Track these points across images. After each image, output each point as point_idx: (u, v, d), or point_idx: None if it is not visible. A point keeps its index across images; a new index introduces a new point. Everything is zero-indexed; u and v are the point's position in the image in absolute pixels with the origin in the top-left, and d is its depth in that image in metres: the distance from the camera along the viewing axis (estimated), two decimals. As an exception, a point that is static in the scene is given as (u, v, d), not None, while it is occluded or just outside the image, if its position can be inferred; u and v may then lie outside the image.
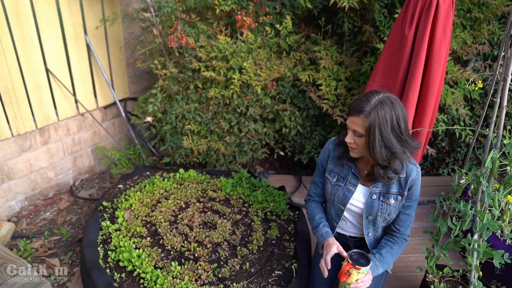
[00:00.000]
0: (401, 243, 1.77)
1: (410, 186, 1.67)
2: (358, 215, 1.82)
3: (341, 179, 1.80)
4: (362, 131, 1.53)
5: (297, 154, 3.20)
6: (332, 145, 1.84)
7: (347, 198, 1.78)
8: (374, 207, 1.73)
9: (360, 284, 1.58)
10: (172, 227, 2.25)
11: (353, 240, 1.94)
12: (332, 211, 1.88)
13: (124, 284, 1.89)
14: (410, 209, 1.73)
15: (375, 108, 1.48)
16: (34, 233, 2.61)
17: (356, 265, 1.53)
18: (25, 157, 2.71)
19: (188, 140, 2.81)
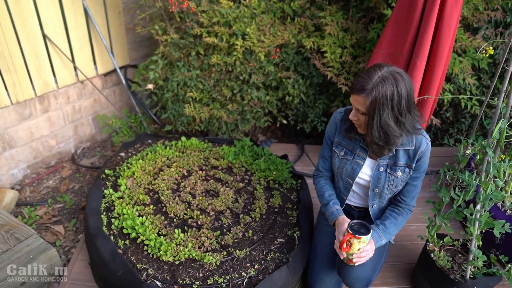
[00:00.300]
0: (405, 214, 1.77)
1: (419, 158, 1.65)
2: (364, 187, 1.81)
3: (349, 153, 1.77)
4: (364, 110, 1.49)
5: (299, 122, 3.17)
6: (339, 117, 1.79)
7: (356, 172, 1.76)
8: (380, 180, 1.72)
9: (363, 253, 1.59)
10: (174, 195, 2.25)
11: (358, 210, 1.94)
12: (340, 184, 1.87)
13: (128, 251, 1.91)
14: (417, 180, 1.72)
15: (377, 86, 1.42)
16: (37, 201, 2.63)
17: (356, 235, 1.53)
18: (25, 125, 2.69)
19: (190, 108, 2.78)
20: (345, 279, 1.77)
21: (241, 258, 1.90)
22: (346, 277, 1.75)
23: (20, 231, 2.14)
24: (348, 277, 1.75)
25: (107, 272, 1.83)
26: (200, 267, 1.84)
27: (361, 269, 1.72)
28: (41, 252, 2.03)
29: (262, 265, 1.87)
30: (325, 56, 2.67)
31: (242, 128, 3.00)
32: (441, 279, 1.90)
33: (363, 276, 1.73)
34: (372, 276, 1.76)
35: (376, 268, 1.78)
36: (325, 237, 1.98)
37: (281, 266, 1.87)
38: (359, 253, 1.58)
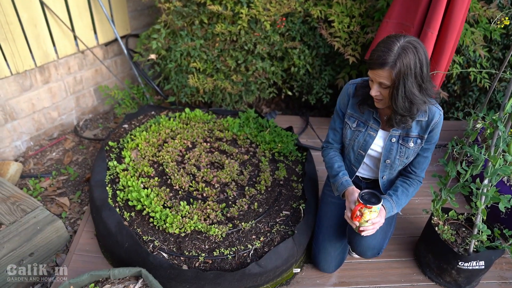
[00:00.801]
0: (416, 185, 1.76)
1: (431, 129, 1.63)
2: (375, 159, 1.79)
3: (362, 124, 1.74)
4: (389, 83, 1.46)
5: (304, 94, 3.12)
6: (352, 89, 1.75)
7: (368, 143, 1.74)
8: (392, 151, 1.70)
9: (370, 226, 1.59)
10: (179, 167, 2.24)
11: (366, 182, 1.94)
12: (351, 156, 1.85)
13: (134, 223, 1.92)
14: (428, 151, 1.70)
15: (399, 57, 1.39)
16: (41, 173, 2.62)
17: (367, 204, 1.52)
18: (26, 96, 2.64)
19: (194, 78, 2.72)
20: (357, 248, 1.79)
21: (246, 230, 1.91)
22: (358, 246, 1.77)
23: (26, 203, 2.15)
24: (359, 246, 1.77)
25: (114, 244, 1.84)
26: (206, 239, 1.85)
27: (372, 237, 1.73)
28: (48, 223, 2.04)
29: (268, 237, 1.89)
30: (332, 26, 2.59)
31: (246, 100, 2.96)
32: (445, 252, 1.91)
33: (374, 244, 1.75)
34: (383, 243, 1.78)
35: (386, 236, 1.80)
36: (330, 207, 1.99)
37: (286, 238, 1.88)
38: (367, 225, 1.58)
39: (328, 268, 1.97)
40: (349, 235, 1.83)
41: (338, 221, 1.96)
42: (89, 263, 1.98)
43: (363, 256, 1.84)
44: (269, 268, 1.77)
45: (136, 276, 1.68)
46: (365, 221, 1.57)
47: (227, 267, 1.75)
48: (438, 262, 1.96)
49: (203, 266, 1.74)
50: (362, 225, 1.59)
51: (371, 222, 1.58)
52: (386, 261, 2.14)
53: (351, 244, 1.84)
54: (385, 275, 2.07)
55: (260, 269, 1.74)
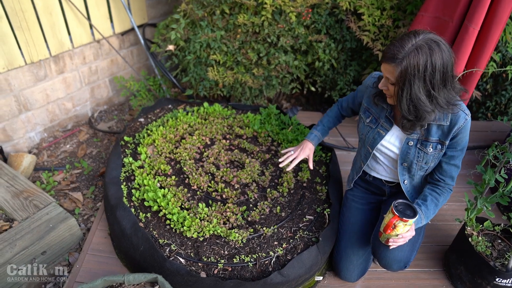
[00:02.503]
0: (446, 194, 1.63)
1: (455, 135, 1.50)
2: (393, 160, 1.69)
3: (374, 121, 1.67)
4: (393, 80, 1.37)
5: (328, 90, 2.98)
6: (371, 82, 1.68)
7: (376, 141, 1.66)
8: (409, 154, 1.59)
9: (400, 239, 1.48)
10: (197, 165, 2.13)
11: (389, 185, 1.82)
12: (362, 151, 1.79)
13: (150, 224, 1.82)
14: (455, 159, 1.57)
15: (409, 56, 1.29)
16: (55, 165, 2.55)
17: (403, 217, 1.40)
18: (41, 86, 2.56)
19: (213, 71, 2.60)
20: (381, 260, 1.68)
21: (268, 235, 1.80)
22: (383, 258, 1.66)
23: (39, 198, 2.07)
24: (384, 258, 1.65)
25: (128, 246, 1.75)
26: (225, 244, 1.75)
27: (399, 250, 1.63)
28: (60, 221, 1.96)
29: (291, 244, 1.77)
30: (361, 19, 2.44)
31: (267, 94, 2.83)
32: (479, 266, 1.78)
33: (401, 257, 1.64)
34: (410, 256, 1.66)
35: (414, 248, 1.68)
36: (353, 213, 1.90)
37: (310, 245, 1.77)
38: (397, 238, 1.47)
39: (350, 277, 1.85)
40: (373, 246, 1.72)
41: (362, 227, 1.84)
42: (102, 264, 1.90)
43: (388, 269, 1.72)
44: (292, 278, 1.66)
45: (152, 282, 1.59)
46: (396, 234, 1.45)
47: (247, 275, 1.65)
48: (471, 276, 1.83)
49: (222, 273, 1.64)
50: (392, 237, 1.47)
51: (401, 236, 1.46)
52: (413, 271, 2.02)
53: (375, 255, 1.72)
54: (412, 287, 1.94)
55: (283, 278, 1.63)
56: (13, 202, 2.04)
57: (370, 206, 1.91)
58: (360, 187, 1.95)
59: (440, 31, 2.05)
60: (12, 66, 2.35)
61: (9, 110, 2.45)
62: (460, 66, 1.99)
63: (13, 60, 2.33)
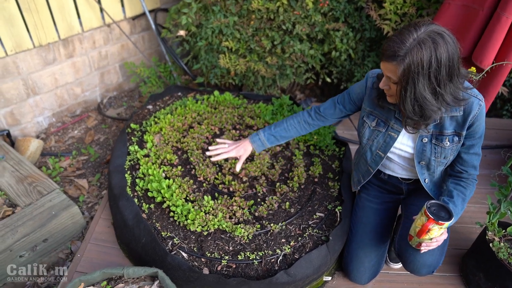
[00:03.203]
0: (472, 186, 1.51)
1: (470, 124, 1.38)
2: (409, 160, 1.57)
3: (382, 124, 1.53)
4: (396, 79, 1.25)
5: (344, 81, 2.85)
6: (371, 81, 1.54)
7: (389, 145, 1.53)
8: (425, 152, 1.47)
9: (434, 243, 1.37)
10: (205, 156, 2.05)
11: (407, 183, 1.70)
12: (367, 156, 1.64)
13: (153, 216, 1.75)
14: (474, 148, 1.45)
15: (411, 52, 1.16)
16: (62, 151, 2.50)
17: (439, 220, 1.29)
18: (49, 70, 2.51)
19: (225, 59, 2.50)
20: (409, 265, 1.57)
21: (275, 232, 1.71)
22: (411, 263, 1.56)
23: (43, 185, 2.03)
24: (413, 263, 1.55)
25: (130, 237, 1.69)
26: (230, 239, 1.67)
27: (429, 254, 1.52)
28: (63, 208, 1.91)
29: (299, 242, 1.69)
30: (382, 6, 2.30)
31: (280, 84, 2.72)
32: (501, 274, 1.66)
33: (431, 261, 1.54)
34: (440, 260, 1.56)
35: (443, 251, 1.57)
36: (366, 212, 1.79)
37: (320, 244, 1.68)
38: (430, 242, 1.36)
39: (360, 279, 1.75)
40: (400, 249, 1.60)
41: (375, 228, 1.74)
42: (104, 254, 1.85)
43: (415, 274, 1.60)
44: (299, 278, 1.57)
45: (152, 276, 1.53)
46: (429, 238, 1.35)
47: (252, 273, 1.57)
48: (491, 284, 1.71)
49: (226, 270, 1.57)
50: (425, 241, 1.37)
51: (436, 240, 1.36)
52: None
53: (402, 259, 1.61)
54: (426, 291, 1.84)
55: (289, 278, 1.54)
56: (17, 187, 2.01)
57: (385, 206, 1.80)
58: (374, 185, 1.84)
59: (468, 21, 1.91)
60: (21, 48, 2.29)
61: (17, 93, 2.40)
62: (489, 58, 1.85)
63: (21, 42, 2.28)
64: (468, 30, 1.92)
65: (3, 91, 2.31)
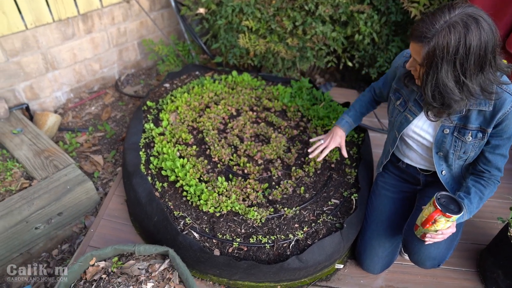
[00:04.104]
0: (492, 186, 1.43)
1: (499, 122, 1.28)
2: (427, 148, 1.51)
3: (403, 104, 1.49)
4: (420, 62, 1.18)
5: (366, 66, 2.76)
6: (403, 61, 1.48)
7: (403, 126, 1.49)
8: (445, 143, 1.40)
9: (439, 236, 1.32)
10: (220, 136, 2.03)
11: (425, 174, 1.64)
12: (391, 135, 1.62)
13: (166, 195, 1.74)
14: (500, 148, 1.36)
15: (438, 35, 1.09)
16: (79, 127, 2.51)
17: (447, 212, 1.24)
18: (68, 45, 2.50)
19: (245, 38, 2.44)
20: (414, 256, 1.53)
21: (289, 217, 1.68)
22: (415, 254, 1.52)
23: (59, 159, 2.04)
24: (417, 254, 1.51)
25: (143, 215, 1.69)
26: (242, 222, 1.65)
27: (435, 246, 1.48)
28: (78, 183, 1.92)
29: (312, 227, 1.65)
30: (411, -13, 2.20)
31: (300, 67, 2.66)
32: (521, 272, 1.60)
33: (436, 254, 1.49)
34: (446, 255, 1.51)
35: (451, 246, 1.52)
36: (382, 201, 1.74)
37: (333, 231, 1.64)
38: (436, 234, 1.31)
39: (374, 269, 1.72)
40: (406, 239, 1.56)
41: (391, 217, 1.69)
42: (117, 231, 1.86)
43: (419, 266, 1.57)
44: (310, 264, 1.55)
45: (163, 255, 1.53)
46: (435, 229, 1.29)
47: (263, 257, 1.55)
48: (510, 282, 1.65)
49: (237, 252, 1.55)
50: (430, 233, 1.32)
51: (441, 232, 1.30)
52: (443, 268, 1.85)
53: (407, 249, 1.57)
54: (440, 285, 1.78)
55: (301, 264, 1.52)
56: (34, 161, 2.02)
57: (402, 195, 1.74)
58: (392, 174, 1.78)
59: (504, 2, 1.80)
60: (40, 22, 2.28)
61: (37, 67, 2.41)
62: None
63: (41, 16, 2.27)
64: (503, 13, 1.81)
65: (23, 65, 2.32)
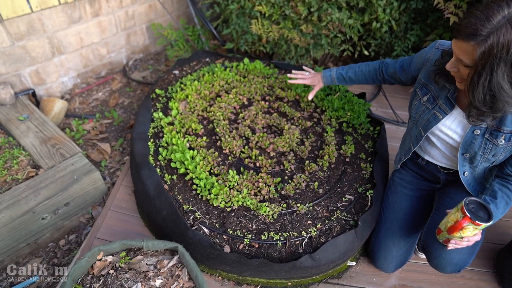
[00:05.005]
0: None
1: None
2: (452, 148, 1.42)
3: (431, 101, 1.39)
4: (469, 62, 1.06)
5: (382, 55, 2.66)
6: (434, 57, 1.38)
7: (430, 124, 1.39)
8: (474, 144, 1.31)
9: (464, 243, 1.25)
10: (231, 127, 1.96)
11: (445, 173, 1.57)
12: (413, 131, 1.52)
13: (175, 188, 1.69)
14: None
15: (497, 32, 0.97)
16: (86, 113, 2.46)
17: (476, 221, 1.16)
18: (75, 29, 2.42)
19: (257, 24, 2.35)
20: (434, 260, 1.46)
21: (302, 213, 1.62)
22: (436, 258, 1.45)
23: (66, 147, 1.99)
24: (438, 259, 1.44)
25: (151, 208, 1.64)
26: (254, 217, 1.60)
27: (457, 252, 1.41)
28: (85, 173, 1.88)
29: (326, 225, 1.60)
30: (435, -28, 2.08)
31: (313, 55, 2.56)
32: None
33: (458, 260, 1.42)
34: (468, 260, 1.44)
35: (473, 252, 1.44)
36: (399, 198, 1.67)
37: (347, 229, 1.59)
38: (461, 240, 1.24)
39: (387, 268, 1.66)
40: (426, 242, 1.49)
41: (407, 215, 1.62)
42: (124, 222, 1.82)
43: (439, 271, 1.50)
44: (323, 263, 1.50)
45: (172, 250, 1.48)
46: (460, 236, 1.22)
47: (275, 255, 1.50)
48: (531, 283, 1.60)
49: (248, 249, 1.50)
50: (454, 239, 1.25)
51: (467, 239, 1.23)
52: (459, 267, 1.80)
53: (427, 253, 1.50)
54: (455, 286, 1.73)
55: (313, 262, 1.47)
56: (41, 149, 1.98)
57: (420, 193, 1.67)
58: (410, 170, 1.71)
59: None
60: (46, 5, 2.20)
61: (43, 52, 2.34)
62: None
63: (47, -2, 2.19)
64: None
65: (28, 49, 2.25)
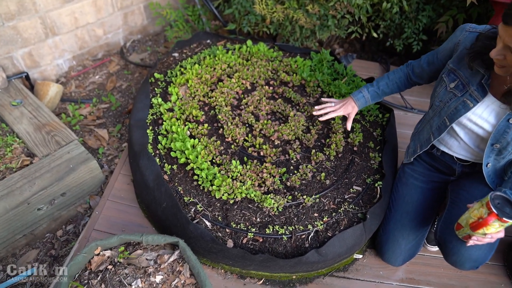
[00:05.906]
0: None
1: None
2: (478, 138, 1.33)
3: (461, 87, 1.29)
4: None
5: (391, 37, 2.54)
6: (469, 39, 1.28)
7: (459, 113, 1.30)
8: (507, 134, 1.23)
9: (487, 239, 1.18)
10: (234, 113, 1.87)
11: (462, 165, 1.49)
12: (434, 121, 1.42)
13: (175, 178, 1.61)
14: None
15: None
16: (82, 97, 2.36)
17: (503, 217, 1.09)
18: (68, 8, 2.30)
19: (261, 4, 2.22)
20: (452, 256, 1.40)
21: (308, 206, 1.55)
22: (454, 255, 1.38)
23: (61, 134, 1.91)
24: (457, 255, 1.38)
25: (150, 199, 1.57)
26: (258, 210, 1.53)
27: (477, 247, 1.35)
28: (81, 162, 1.80)
29: (333, 217, 1.53)
30: None
31: (319, 36, 2.44)
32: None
33: (478, 256, 1.36)
34: (488, 256, 1.38)
35: (493, 247, 1.38)
36: (409, 190, 1.60)
37: (355, 222, 1.52)
38: (483, 237, 1.17)
39: (394, 261, 1.60)
40: (443, 238, 1.42)
41: (417, 208, 1.55)
42: (123, 213, 1.75)
43: (457, 267, 1.43)
44: (330, 257, 1.44)
45: (172, 245, 1.42)
46: (484, 232, 1.15)
47: (280, 249, 1.43)
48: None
49: (252, 244, 1.44)
50: (476, 235, 1.18)
51: (490, 236, 1.16)
52: (468, 260, 1.74)
53: (443, 249, 1.43)
54: (464, 279, 1.68)
55: (320, 258, 1.41)
56: (35, 136, 1.90)
57: (432, 186, 1.60)
58: (422, 161, 1.63)
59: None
60: (37, -18, 2.09)
61: (35, 33, 2.23)
62: None
63: (38, -26, 2.07)
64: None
65: (20, 30, 2.14)
